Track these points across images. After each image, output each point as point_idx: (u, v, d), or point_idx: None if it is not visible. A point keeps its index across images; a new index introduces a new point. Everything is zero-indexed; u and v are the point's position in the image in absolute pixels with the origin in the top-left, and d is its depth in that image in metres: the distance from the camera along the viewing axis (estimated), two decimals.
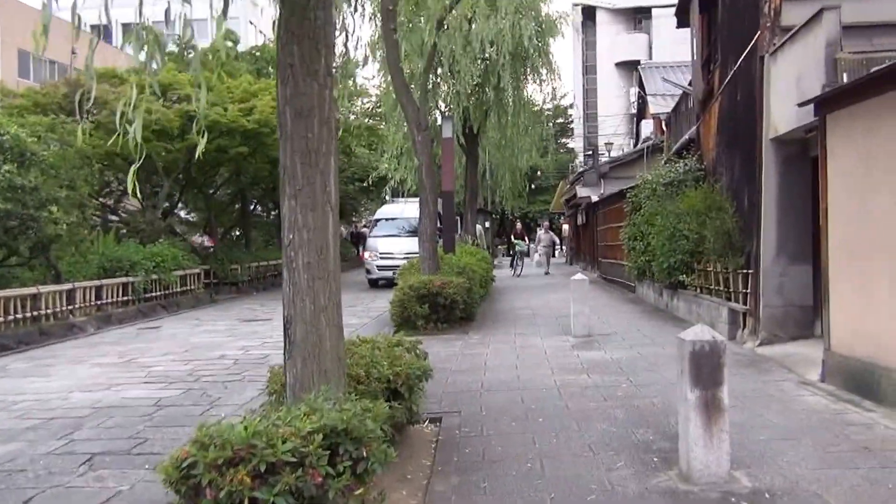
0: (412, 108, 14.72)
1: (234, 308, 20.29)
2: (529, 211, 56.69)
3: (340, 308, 5.38)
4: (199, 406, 8.45)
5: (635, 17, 61.68)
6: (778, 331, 10.48)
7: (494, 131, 25.25)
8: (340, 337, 5.37)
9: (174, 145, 22.96)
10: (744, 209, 11.84)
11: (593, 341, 11.84)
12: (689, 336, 5.21)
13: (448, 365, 10.13)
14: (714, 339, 5.16)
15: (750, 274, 11.03)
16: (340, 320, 5.36)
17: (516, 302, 18.88)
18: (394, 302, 13.38)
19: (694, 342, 5.15)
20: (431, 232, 14.70)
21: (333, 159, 5.28)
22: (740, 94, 12.29)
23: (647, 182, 17.48)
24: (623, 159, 30.73)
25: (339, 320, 5.35)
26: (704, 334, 5.20)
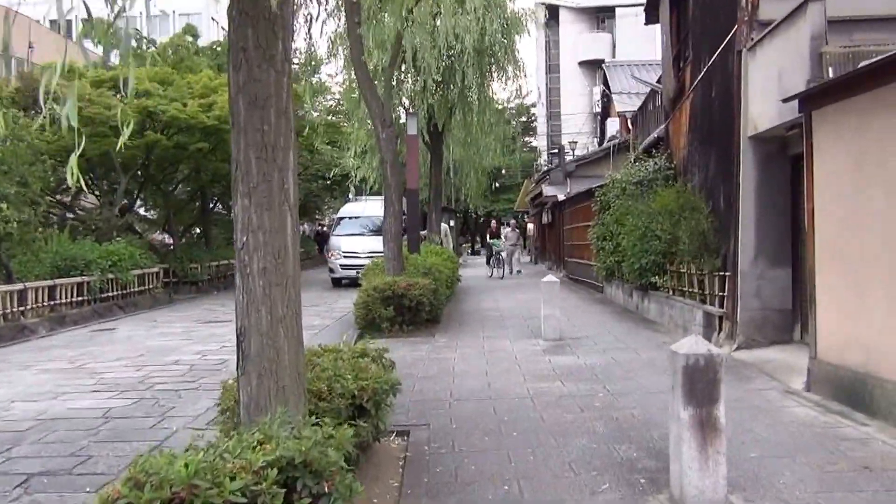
0: (376, 104, 14.22)
1: (193, 308, 19.64)
2: (493, 209, 56.37)
3: (300, 318, 4.90)
4: (150, 418, 7.89)
5: (598, 17, 61.48)
6: (756, 335, 10.13)
7: (459, 129, 24.80)
8: (300, 350, 4.88)
9: (132, 141, 22.24)
10: (719, 209, 11.49)
11: (565, 345, 11.43)
12: (683, 349, 4.78)
13: (415, 371, 9.66)
14: (710, 353, 4.73)
15: (727, 276, 10.67)
16: (300, 331, 4.88)
17: (483, 303, 18.44)
18: (357, 304, 12.89)
19: (687, 356, 4.73)
20: (396, 231, 14.21)
21: (292, 154, 4.79)
22: (715, 91, 11.94)
23: (617, 181, 17.15)
24: (589, 158, 30.40)
25: (299, 331, 4.86)
26: (699, 347, 4.78)
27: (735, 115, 10.47)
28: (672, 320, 12.70)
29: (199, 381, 9.70)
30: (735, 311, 10.25)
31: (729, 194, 10.94)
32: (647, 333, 12.41)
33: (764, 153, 10.13)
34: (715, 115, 11.98)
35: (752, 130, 10.03)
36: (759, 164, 10.15)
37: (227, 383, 5.62)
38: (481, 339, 12.27)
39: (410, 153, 17.48)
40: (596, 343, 11.58)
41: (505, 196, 56.39)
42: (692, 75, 14.18)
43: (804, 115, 7.99)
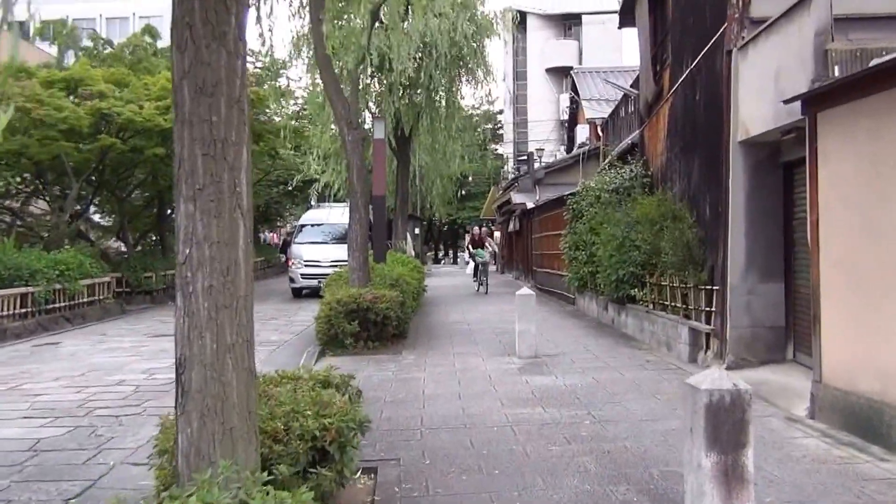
0: (342, 105, 13.45)
1: (145, 320, 18.70)
2: (458, 217, 55.73)
3: (252, 346, 4.15)
4: (85, 450, 7.03)
5: (565, 24, 61.16)
6: (746, 354, 9.49)
7: (426, 134, 24.15)
8: (252, 384, 4.12)
9: (85, 145, 21.34)
10: (705, 219, 10.86)
11: (541, 363, 10.72)
12: (704, 383, 4.09)
13: (382, 394, 8.89)
14: (738, 389, 4.05)
15: (714, 290, 10.03)
16: (252, 362, 4.14)
17: (451, 315, 17.70)
18: (319, 318, 12.07)
19: (711, 392, 4.04)
20: (362, 240, 13.43)
21: (246, 151, 4.04)
22: (700, 94, 11.32)
23: (590, 188, 16.53)
24: (558, 165, 29.79)
25: (251, 362, 4.12)
26: (723, 381, 4.09)
27: (723, 119, 9.84)
28: (654, 336, 12.05)
29: (144, 405, 8.84)
30: (724, 328, 9.60)
31: (716, 203, 10.31)
32: (627, 351, 11.74)
33: (754, 159, 9.51)
34: (699, 119, 11.37)
35: (742, 135, 9.41)
36: (750, 172, 9.52)
37: (167, 419, 4.83)
38: (452, 357, 11.53)
39: (377, 158, 16.75)
40: (574, 361, 10.88)
41: (470, 204, 55.80)
42: (672, 78, 13.59)
43: (807, 118, 7.35)
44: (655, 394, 8.49)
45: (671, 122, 13.49)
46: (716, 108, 10.36)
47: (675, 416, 7.39)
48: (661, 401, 8.14)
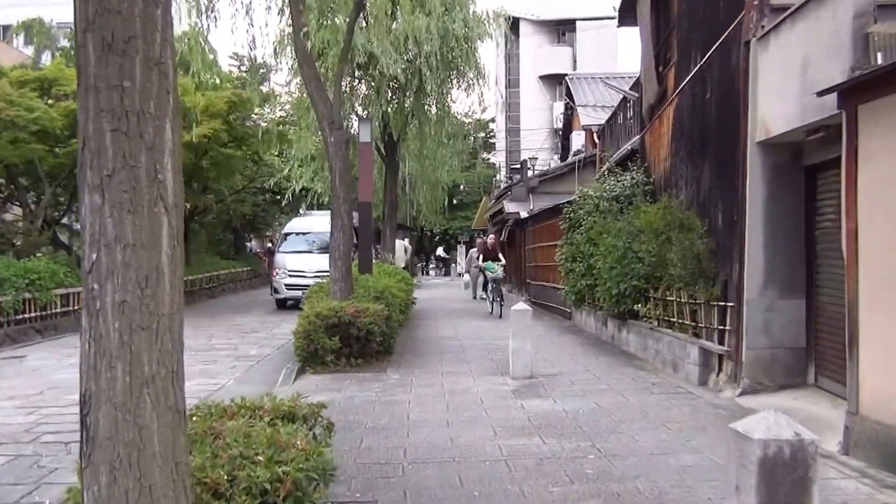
0: (324, 104, 12.56)
1: None
2: (450, 227, 54.84)
3: (181, 378, 3.25)
4: (21, 485, 6.10)
5: (559, 30, 60.40)
6: (763, 378, 8.61)
7: (415, 139, 23.29)
8: (179, 426, 3.22)
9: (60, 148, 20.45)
10: (717, 228, 9.99)
11: (537, 385, 9.81)
12: (758, 431, 3.19)
13: (363, 418, 7.98)
14: (801, 440, 3.15)
15: (728, 307, 9.14)
16: (180, 398, 3.23)
17: (441, 329, 16.78)
18: (297, 332, 11.14)
19: (766, 443, 3.13)
20: (345, 249, 12.53)
21: (171, 128, 3.14)
22: (711, 92, 10.46)
23: (589, 196, 15.66)
24: (553, 173, 28.93)
25: (179, 399, 3.22)
26: (781, 429, 3.18)
27: (740, 118, 8.98)
28: (658, 355, 11.15)
29: None
30: (739, 349, 8.73)
31: (729, 211, 9.45)
32: (630, 371, 10.83)
33: (774, 162, 8.66)
34: (710, 120, 10.51)
35: (761, 135, 8.55)
36: (769, 176, 8.67)
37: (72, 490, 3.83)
38: (440, 376, 10.61)
39: (363, 163, 15.85)
40: (573, 382, 9.97)
41: (462, 213, 54.92)
42: (677, 78, 12.75)
43: (845, 112, 6.47)
44: (665, 422, 7.59)
45: (676, 124, 12.64)
46: (730, 107, 9.50)
47: (689, 450, 6.50)
48: (672, 431, 7.24)
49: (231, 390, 9.83)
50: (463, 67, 21.70)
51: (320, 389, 9.60)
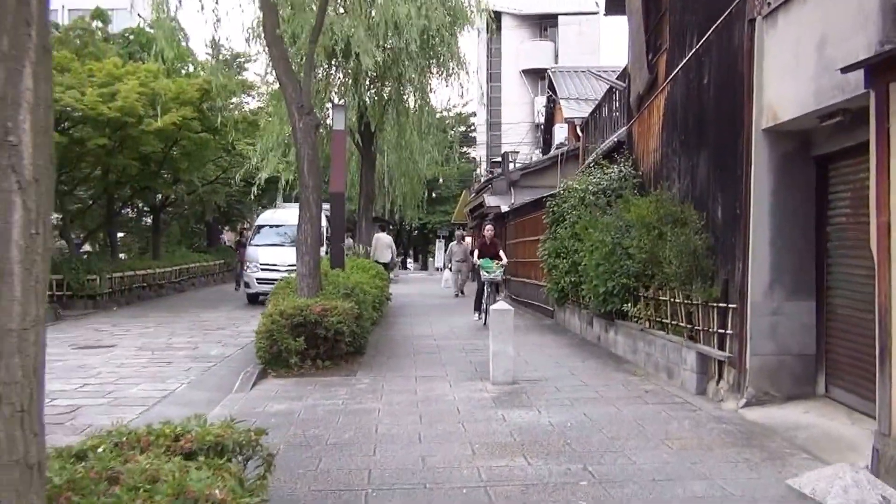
0: (293, 86, 11.69)
1: (78, 328, 16.76)
2: (428, 221, 54.00)
3: (35, 419, 2.42)
4: None
5: (541, 24, 59.80)
6: (769, 387, 7.83)
7: (393, 129, 22.37)
8: (31, 488, 2.36)
9: None
10: (715, 223, 9.19)
11: (520, 392, 8.98)
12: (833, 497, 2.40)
13: (324, 432, 7.12)
14: None
15: (730, 309, 8.35)
16: (35, 449, 2.39)
17: (416, 327, 15.94)
18: (260, 332, 10.28)
19: None
20: (313, 242, 11.66)
21: (34, 76, 2.29)
22: (709, 77, 9.67)
23: (573, 189, 14.84)
24: (535, 166, 28.13)
25: (32, 449, 2.38)
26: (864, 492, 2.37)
27: (744, 104, 8.18)
28: (650, 359, 10.35)
29: None
30: (743, 355, 7.93)
31: (730, 204, 8.66)
32: (620, 377, 10.02)
33: (782, 152, 7.88)
34: (708, 107, 9.71)
35: (768, 122, 7.77)
36: (776, 166, 7.88)
37: None
38: (414, 381, 9.76)
39: (336, 151, 15.03)
40: (559, 389, 9.15)
41: (441, 208, 54.14)
42: (669, 65, 11.98)
43: (875, 91, 5.67)
44: (664, 439, 6.78)
45: (668, 113, 11.86)
46: (732, 92, 8.71)
47: (697, 476, 5.68)
48: (673, 450, 6.42)
49: (181, 397, 9.01)
50: (444, 56, 20.83)
51: (279, 397, 8.76)
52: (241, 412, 7.87)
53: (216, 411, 8.03)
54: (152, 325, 16.98)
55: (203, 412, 8.15)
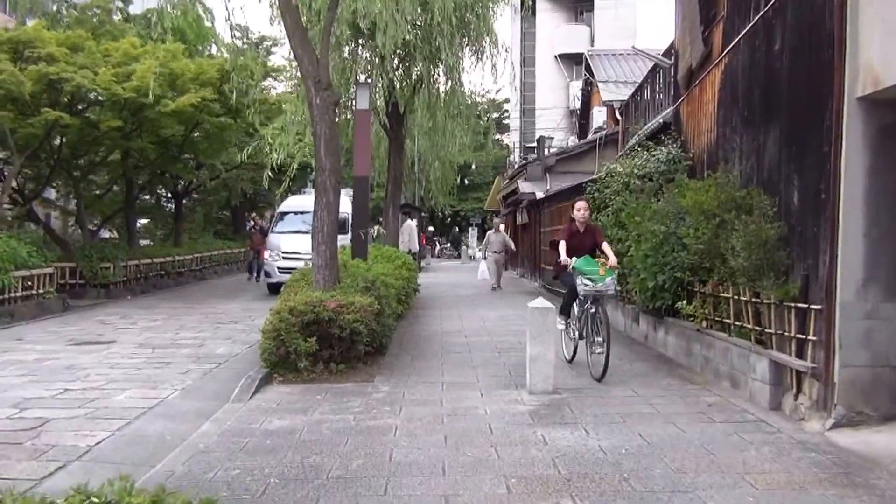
0: (308, 59, 10.51)
1: (84, 320, 15.75)
2: (461, 209, 52.84)
3: None
4: None
5: (577, 8, 58.32)
6: (863, 405, 6.56)
7: (424, 111, 21.12)
8: None
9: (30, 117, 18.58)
10: (790, 209, 7.89)
11: (561, 403, 7.76)
12: None
13: (326, 459, 5.92)
14: None
15: (812, 310, 7.05)
16: None
17: (445, 321, 14.74)
18: (266, 331, 9.12)
19: None
20: (330, 230, 10.48)
21: None
22: (782, 41, 8.34)
23: (617, 174, 13.62)
24: (571, 151, 26.84)
25: None
26: None
27: (833, 68, 6.87)
28: (709, 365, 9.07)
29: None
30: (830, 366, 6.65)
31: (811, 187, 7.35)
32: (675, 384, 8.76)
33: (881, 124, 6.58)
34: (780, 76, 8.39)
35: (865, 88, 6.46)
36: (873, 142, 6.59)
37: None
38: (440, 389, 8.57)
39: (360, 132, 13.88)
40: (605, 400, 7.91)
41: (474, 195, 52.99)
42: (726, 35, 10.69)
43: None
44: (744, 473, 5.50)
45: (726, 88, 10.58)
46: (814, 56, 7.41)
47: None
48: (757, 490, 5.13)
49: (169, 407, 7.89)
50: (477, 33, 19.57)
51: (281, 409, 7.60)
52: (232, 429, 6.77)
53: (205, 427, 6.92)
54: (162, 317, 15.95)
55: (190, 426, 7.07)
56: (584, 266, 9.31)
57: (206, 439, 6.53)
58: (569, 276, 9.52)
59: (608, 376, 8.86)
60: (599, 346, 8.94)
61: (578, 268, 9.28)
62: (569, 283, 9.64)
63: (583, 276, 9.20)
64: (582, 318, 9.63)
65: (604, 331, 8.87)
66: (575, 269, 9.31)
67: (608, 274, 9.22)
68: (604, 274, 9.18)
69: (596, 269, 9.23)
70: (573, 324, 10.01)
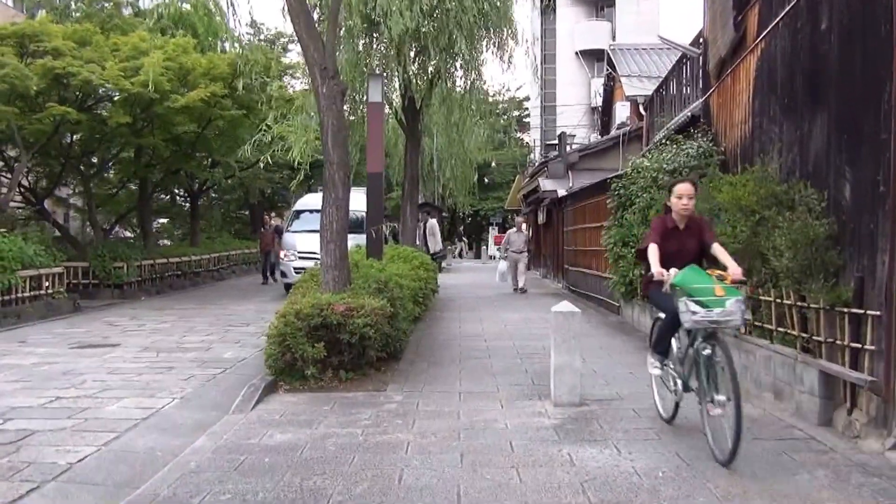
0: (314, 45, 9.91)
1: (92, 321, 15.23)
2: (481, 208, 52.23)
3: None
4: None
5: (597, 4, 57.68)
6: None
7: (441, 108, 20.52)
8: None
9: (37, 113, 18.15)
10: (840, 204, 7.19)
11: (589, 417, 7.10)
12: None
13: (330, 482, 5.30)
14: None
15: (869, 317, 6.34)
16: None
17: (464, 324, 14.10)
18: (271, 335, 8.50)
19: None
20: (339, 228, 9.88)
21: None
22: (830, 18, 7.65)
23: (644, 169, 12.95)
24: (594, 147, 26.17)
25: None
26: None
27: (892, 46, 6.19)
28: (747, 374, 8.37)
29: None
30: (891, 380, 5.95)
31: (867, 179, 6.63)
32: None
33: None
34: (828, 58, 7.70)
35: None
36: None
37: None
38: (457, 399, 7.92)
39: (373, 126, 13.27)
40: (638, 414, 7.24)
41: (494, 194, 52.39)
42: (762, 18, 10.01)
43: None
44: (801, 501, 4.86)
45: (762, 75, 9.90)
46: (869, 34, 6.71)
47: None
48: None
49: (165, 418, 7.30)
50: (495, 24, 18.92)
51: (284, 422, 6.98)
52: (228, 445, 6.17)
53: (199, 442, 6.31)
54: (172, 319, 15.42)
55: (184, 441, 6.45)
56: (689, 281, 6.13)
57: (198, 456, 5.94)
58: (665, 296, 6.47)
59: (639, 385, 8.16)
60: (718, 407, 5.88)
61: (681, 284, 6.15)
62: (666, 306, 6.61)
63: (689, 297, 6.06)
64: (688, 361, 6.53)
65: (728, 383, 5.84)
66: (676, 286, 6.19)
67: (730, 293, 6.01)
68: (723, 295, 5.97)
69: (709, 287, 6.04)
70: (673, 368, 6.86)
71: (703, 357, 6.11)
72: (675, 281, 6.16)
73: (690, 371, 6.44)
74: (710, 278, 6.14)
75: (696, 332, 6.21)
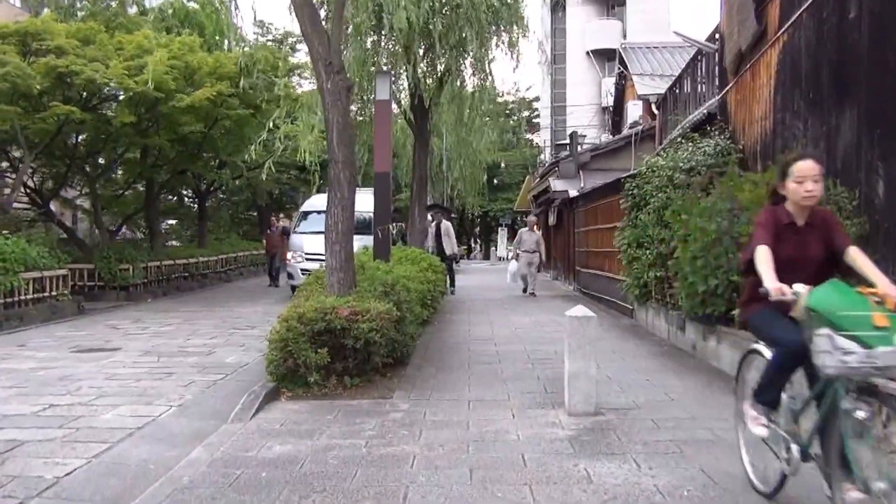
0: (319, 40, 9.56)
1: (95, 324, 14.96)
2: (490, 209, 51.87)
3: None
4: None
5: (608, 3, 57.37)
6: None
7: (450, 107, 20.16)
8: None
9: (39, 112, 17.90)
10: (872, 203, 6.84)
11: (606, 427, 6.71)
12: None
13: (329, 499, 4.93)
14: None
15: None
16: None
17: (474, 328, 13.74)
18: (272, 340, 8.14)
19: None
20: (345, 228, 9.54)
21: None
22: (860, 7, 7.30)
23: (659, 168, 12.59)
24: (606, 147, 25.79)
25: None
26: None
27: None
28: None
29: None
30: None
31: None
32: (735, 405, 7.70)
33: None
34: (857, 49, 7.35)
35: None
36: None
37: None
38: (466, 408, 7.55)
39: (380, 124, 12.93)
40: (658, 425, 6.84)
41: (504, 195, 52.03)
42: (784, 9, 9.67)
43: None
44: None
45: (785, 68, 9.56)
46: None
47: None
48: None
49: (161, 427, 6.97)
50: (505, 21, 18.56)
51: (285, 432, 6.63)
52: (225, 457, 5.82)
53: (195, 454, 5.97)
54: (176, 322, 15.13)
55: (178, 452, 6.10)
56: (834, 305, 3.99)
57: (192, 470, 5.59)
58: (780, 323, 4.46)
59: (657, 393, 7.79)
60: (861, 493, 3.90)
61: (820, 308, 4.02)
62: (781, 338, 4.46)
63: (833, 328, 3.90)
64: (810, 418, 4.44)
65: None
66: (811, 309, 4.08)
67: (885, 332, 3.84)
68: (886, 325, 3.84)
69: (866, 314, 3.89)
70: (784, 424, 4.68)
71: (843, 414, 4.01)
72: (810, 303, 4.07)
73: (815, 433, 4.36)
74: (865, 300, 3.97)
75: (841, 382, 4.00)
